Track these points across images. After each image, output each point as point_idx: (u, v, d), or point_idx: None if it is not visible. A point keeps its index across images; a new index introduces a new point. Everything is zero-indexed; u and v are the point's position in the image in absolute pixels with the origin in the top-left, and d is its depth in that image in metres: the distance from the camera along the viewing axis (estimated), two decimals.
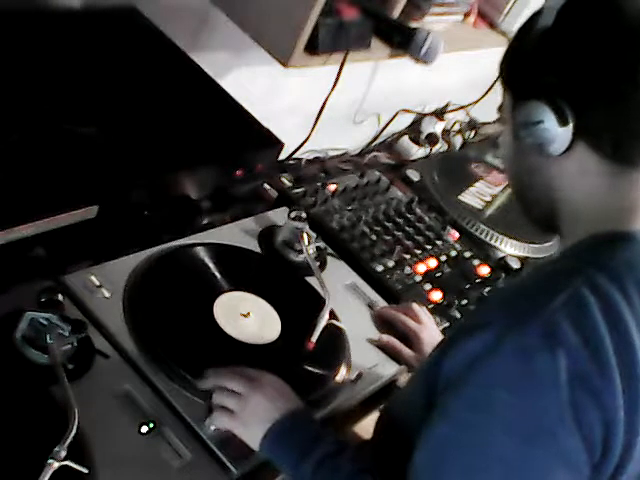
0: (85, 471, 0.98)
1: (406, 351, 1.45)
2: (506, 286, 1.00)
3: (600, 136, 0.98)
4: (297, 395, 1.19)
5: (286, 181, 1.79)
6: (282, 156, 1.72)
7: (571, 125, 0.97)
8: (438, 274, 1.78)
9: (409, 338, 1.47)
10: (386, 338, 1.46)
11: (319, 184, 1.84)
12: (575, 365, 0.90)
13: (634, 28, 0.96)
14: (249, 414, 1.14)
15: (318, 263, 1.54)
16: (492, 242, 1.99)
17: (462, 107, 2.46)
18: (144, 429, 1.12)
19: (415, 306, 1.53)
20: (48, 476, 0.93)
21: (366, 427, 1.21)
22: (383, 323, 1.51)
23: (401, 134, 2.35)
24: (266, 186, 1.72)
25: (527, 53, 1.02)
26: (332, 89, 1.58)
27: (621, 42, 0.96)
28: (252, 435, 1.14)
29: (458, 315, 1.65)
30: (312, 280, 1.50)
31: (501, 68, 1.07)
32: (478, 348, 0.93)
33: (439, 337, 1.48)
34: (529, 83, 1.00)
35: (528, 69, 1.01)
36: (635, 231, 0.99)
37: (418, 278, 1.73)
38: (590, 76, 0.96)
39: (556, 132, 0.97)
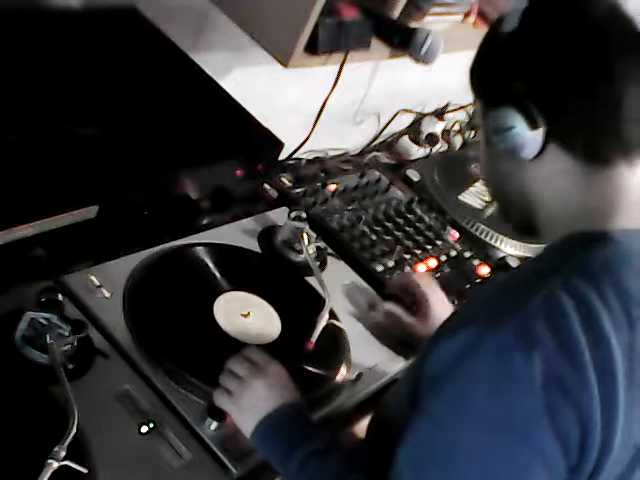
0: (85, 471, 0.98)
1: (408, 318, 1.48)
2: (487, 287, 1.00)
3: (571, 137, 0.98)
4: (298, 390, 1.19)
5: (286, 181, 1.79)
6: (282, 156, 1.72)
7: (542, 129, 0.97)
8: (438, 274, 1.78)
9: (418, 300, 1.50)
10: (388, 305, 1.49)
11: (319, 184, 1.84)
12: (550, 367, 0.90)
13: (600, 27, 0.96)
14: (246, 400, 1.15)
15: (318, 263, 1.55)
16: (492, 242, 1.99)
17: (462, 107, 2.46)
18: (144, 429, 1.12)
19: (427, 275, 1.61)
20: (48, 476, 0.93)
21: (366, 427, 1.21)
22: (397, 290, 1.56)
23: (401, 134, 2.35)
24: (266, 186, 1.72)
25: (493, 58, 1.02)
26: (332, 89, 1.58)
27: (588, 41, 0.95)
28: (246, 422, 1.15)
29: None
30: (312, 280, 1.50)
31: (470, 74, 1.07)
32: (458, 347, 0.94)
33: (447, 305, 1.51)
34: (498, 89, 1.00)
35: (495, 74, 1.01)
36: (611, 230, 0.98)
37: None
38: (558, 78, 0.96)
39: (527, 137, 0.97)
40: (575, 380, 0.90)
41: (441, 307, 1.48)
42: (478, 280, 1.83)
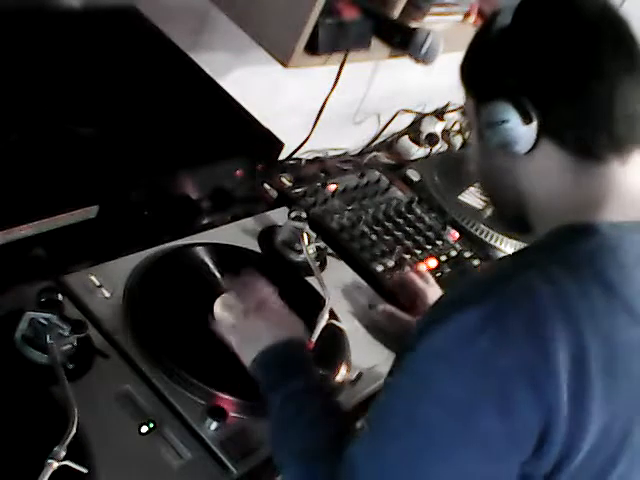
0: (85, 471, 0.98)
1: (405, 316, 1.50)
2: (473, 274, 1.03)
3: (564, 133, 0.98)
4: (300, 327, 1.21)
5: (286, 181, 1.79)
6: (282, 156, 1.72)
7: (535, 123, 0.97)
8: (438, 274, 1.78)
9: (415, 297, 1.54)
10: (382, 306, 1.52)
11: (319, 184, 1.84)
12: (514, 352, 0.90)
13: (592, 23, 0.98)
14: (247, 332, 1.18)
15: (318, 263, 1.55)
16: (492, 242, 1.99)
17: (462, 107, 2.46)
18: (144, 429, 1.12)
19: (424, 272, 1.65)
20: (48, 476, 0.93)
21: None
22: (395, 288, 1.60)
23: (401, 134, 2.35)
24: (266, 186, 1.72)
25: (487, 53, 1.02)
26: (332, 89, 1.58)
27: (580, 37, 0.97)
28: (245, 353, 1.17)
29: None
30: (312, 280, 1.50)
31: (462, 70, 1.07)
32: (427, 325, 0.97)
33: None
34: (491, 83, 1.01)
35: (489, 69, 1.02)
36: (599, 223, 0.98)
37: None
38: (551, 73, 0.97)
39: (520, 131, 0.98)
40: (540, 366, 0.90)
41: None
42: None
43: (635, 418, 0.97)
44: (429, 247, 1.85)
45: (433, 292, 1.56)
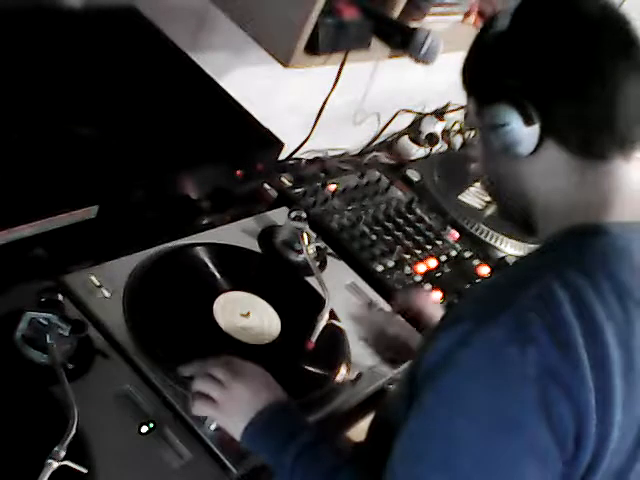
0: (84, 471, 0.98)
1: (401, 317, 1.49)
2: (481, 283, 1.01)
3: (567, 133, 0.99)
4: (278, 386, 1.18)
5: (286, 181, 1.79)
6: (282, 156, 1.72)
7: (537, 124, 0.97)
8: (438, 274, 1.78)
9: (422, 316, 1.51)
10: (380, 306, 1.52)
11: (319, 184, 1.84)
12: (544, 360, 0.90)
13: (592, 23, 0.98)
14: (232, 405, 1.14)
15: (318, 263, 1.55)
16: (492, 242, 1.99)
17: (462, 107, 2.46)
18: (144, 429, 1.12)
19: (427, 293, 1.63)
20: (47, 476, 0.93)
21: (365, 428, 1.21)
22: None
23: (401, 134, 2.35)
24: (266, 186, 1.72)
25: (488, 57, 1.03)
26: (332, 89, 1.58)
27: (580, 38, 0.97)
28: (235, 425, 1.14)
29: None
30: (312, 280, 1.50)
31: (463, 74, 1.07)
32: (451, 342, 0.94)
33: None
34: (492, 86, 1.01)
35: (490, 73, 1.02)
36: (606, 223, 0.99)
37: (418, 278, 1.74)
38: (553, 74, 0.97)
39: (523, 133, 0.98)
40: (570, 372, 0.90)
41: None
42: (478, 280, 1.83)
43: None
44: (429, 247, 1.85)
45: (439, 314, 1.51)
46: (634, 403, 0.95)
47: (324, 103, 1.64)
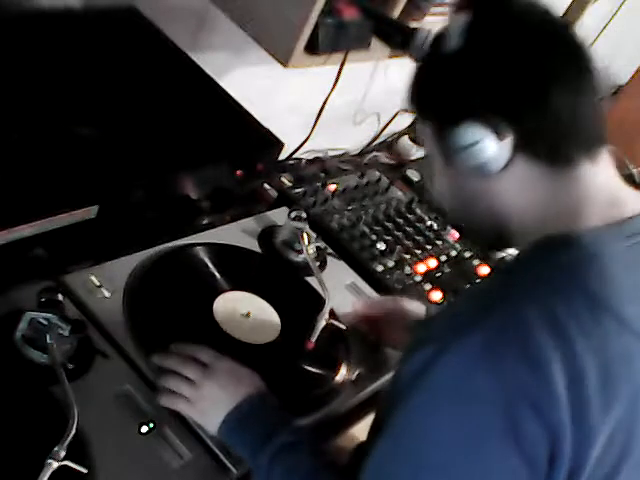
0: (84, 471, 0.98)
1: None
2: (455, 300, 0.97)
3: (536, 143, 0.97)
4: (257, 378, 1.18)
5: (286, 181, 1.80)
6: (282, 156, 1.72)
7: (509, 139, 0.96)
8: (438, 274, 1.78)
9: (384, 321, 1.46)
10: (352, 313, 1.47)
11: (319, 184, 1.84)
12: (513, 382, 0.89)
13: (545, 32, 0.98)
14: (204, 403, 1.14)
15: (318, 263, 1.55)
16: None
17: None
18: (144, 429, 1.12)
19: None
20: (47, 476, 0.93)
21: (365, 428, 1.20)
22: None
23: (401, 134, 2.35)
24: (266, 186, 1.72)
25: (446, 78, 1.01)
26: (332, 89, 1.58)
27: (536, 48, 0.97)
28: (210, 423, 1.14)
29: None
30: (312, 280, 1.50)
31: (413, 100, 1.07)
32: (420, 363, 0.94)
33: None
34: (455, 106, 0.99)
35: (452, 93, 1.00)
36: (577, 232, 0.98)
37: (418, 278, 1.74)
38: (516, 87, 0.96)
39: (494, 149, 0.97)
40: (540, 393, 0.89)
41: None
42: (478, 280, 1.83)
43: (635, 424, 0.96)
44: (429, 247, 1.85)
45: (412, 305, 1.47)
46: (618, 411, 0.93)
47: (324, 103, 1.64)
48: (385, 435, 0.97)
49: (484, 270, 1.87)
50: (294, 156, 1.93)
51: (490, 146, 0.97)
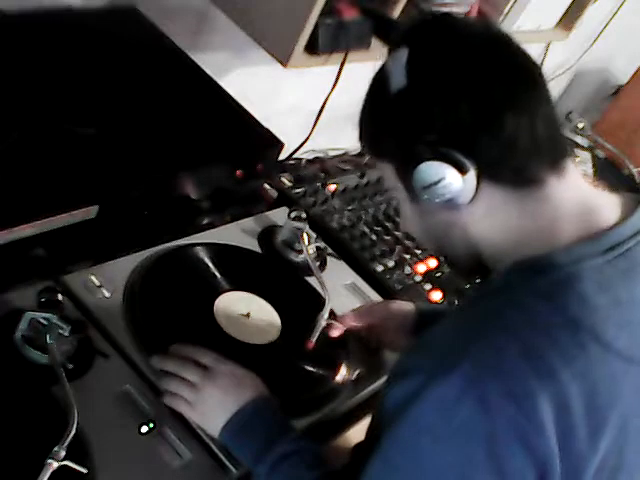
0: (84, 471, 0.98)
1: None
2: (435, 327, 0.97)
3: (499, 168, 0.97)
4: (259, 381, 1.17)
5: (286, 181, 1.79)
6: (282, 156, 1.72)
7: (472, 171, 0.96)
8: (438, 274, 1.78)
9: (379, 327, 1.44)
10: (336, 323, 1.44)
11: (319, 184, 1.84)
12: (497, 415, 0.88)
13: (488, 55, 0.97)
14: (205, 406, 1.14)
15: (318, 263, 1.54)
16: None
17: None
18: (144, 429, 1.12)
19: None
20: (47, 476, 0.93)
21: (365, 428, 1.21)
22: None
23: None
24: (266, 186, 1.72)
25: (395, 119, 0.99)
26: (332, 89, 1.58)
27: (481, 75, 0.95)
28: (211, 426, 1.14)
29: None
30: (312, 280, 1.50)
31: (366, 145, 1.06)
32: (405, 393, 0.93)
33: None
34: (412, 148, 0.98)
35: (404, 135, 0.98)
36: (552, 254, 0.96)
37: (418, 278, 1.74)
38: (467, 117, 0.94)
39: (459, 183, 0.96)
40: (527, 424, 0.88)
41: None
42: (478, 280, 1.83)
43: (624, 448, 0.96)
44: None
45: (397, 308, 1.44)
46: (609, 431, 0.93)
47: (324, 103, 1.64)
48: (376, 460, 0.97)
49: None
50: (294, 156, 1.93)
51: (454, 181, 0.96)
